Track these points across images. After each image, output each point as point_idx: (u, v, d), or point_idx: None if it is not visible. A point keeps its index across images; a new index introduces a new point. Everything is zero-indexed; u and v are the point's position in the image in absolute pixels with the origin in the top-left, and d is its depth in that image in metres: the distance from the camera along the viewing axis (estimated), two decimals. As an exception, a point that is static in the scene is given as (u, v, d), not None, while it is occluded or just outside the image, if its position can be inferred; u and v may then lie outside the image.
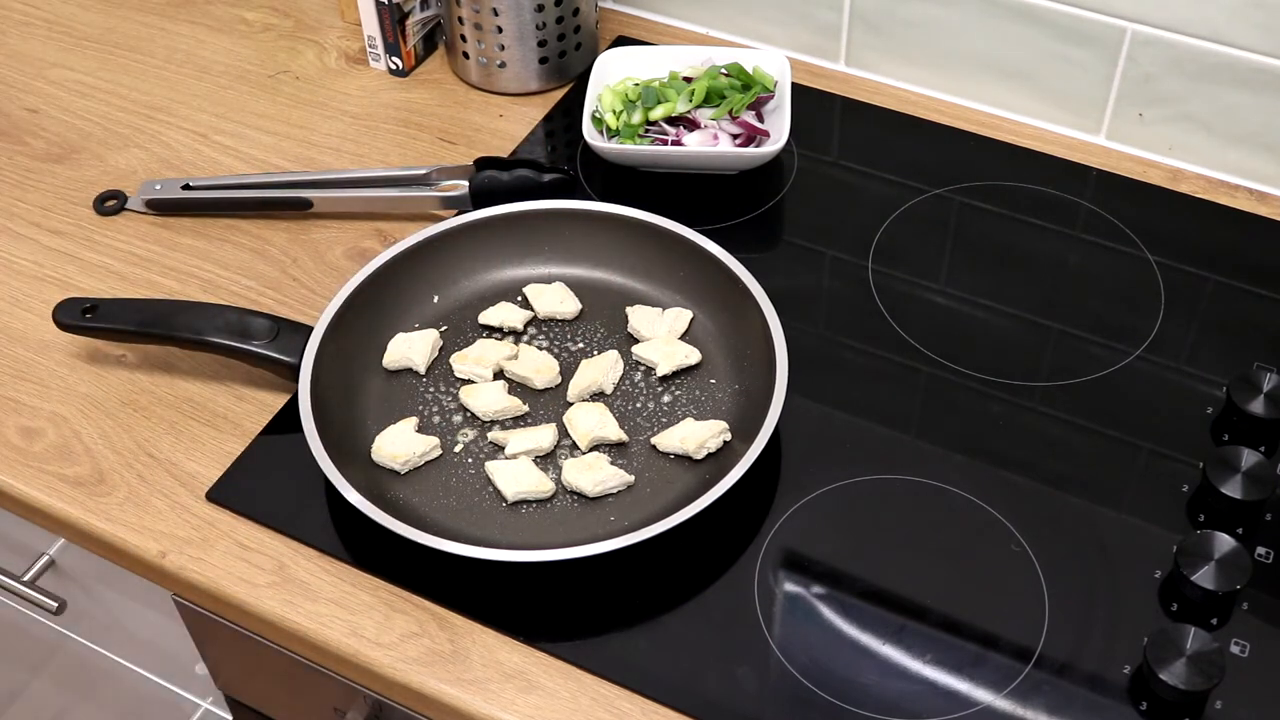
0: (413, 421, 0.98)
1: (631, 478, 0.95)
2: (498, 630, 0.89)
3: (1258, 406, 0.96)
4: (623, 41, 1.32)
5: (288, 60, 1.33)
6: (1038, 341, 1.05)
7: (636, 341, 1.04)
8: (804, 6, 1.27)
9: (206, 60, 1.34)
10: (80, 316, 1.02)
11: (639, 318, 1.04)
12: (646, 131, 1.17)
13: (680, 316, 1.04)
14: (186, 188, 1.17)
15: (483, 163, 1.15)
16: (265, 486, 0.97)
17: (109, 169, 1.23)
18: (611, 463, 0.95)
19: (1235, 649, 0.86)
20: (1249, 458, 0.92)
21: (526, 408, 1.00)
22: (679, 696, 0.85)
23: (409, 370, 1.03)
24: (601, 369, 1.01)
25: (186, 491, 0.97)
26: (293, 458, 0.96)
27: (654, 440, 0.97)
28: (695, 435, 0.96)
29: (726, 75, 1.20)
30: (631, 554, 0.87)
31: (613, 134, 1.18)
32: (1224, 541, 0.87)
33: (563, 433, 0.98)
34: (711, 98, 1.19)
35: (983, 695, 0.84)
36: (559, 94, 1.28)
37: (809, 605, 0.89)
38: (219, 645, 1.06)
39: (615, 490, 0.94)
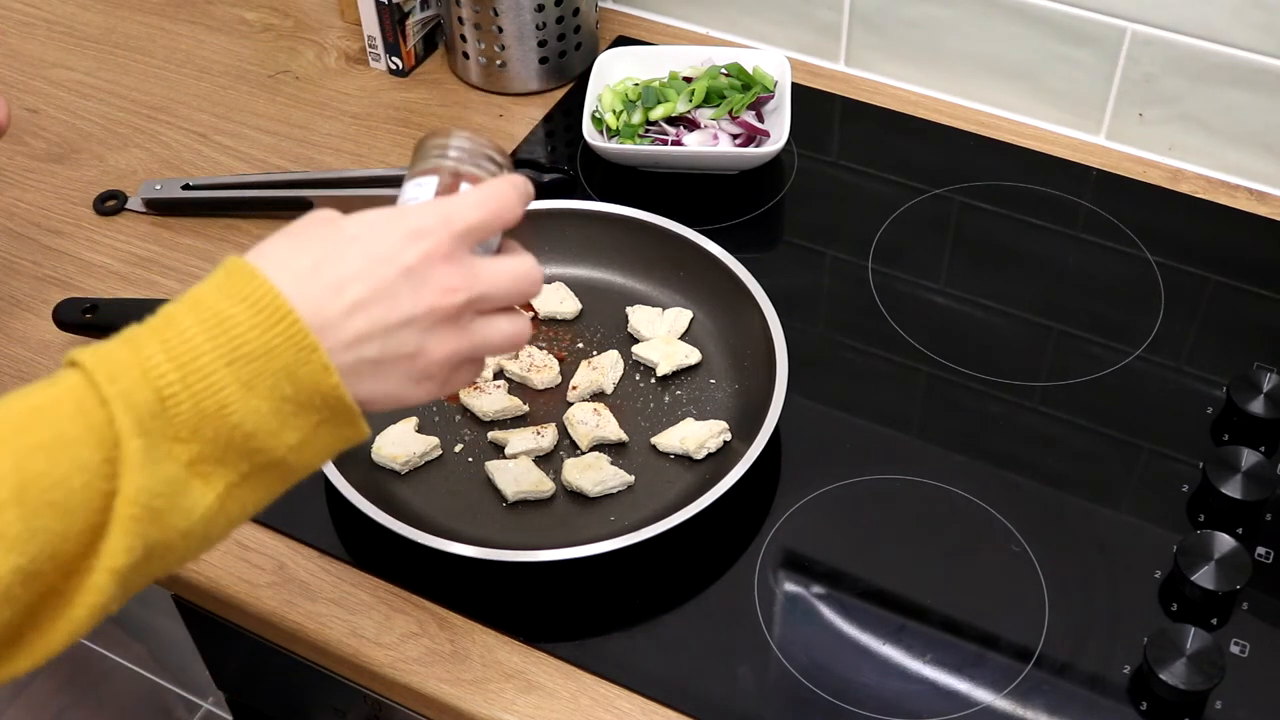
0: (413, 421, 0.98)
1: (631, 478, 0.95)
2: (498, 630, 0.89)
3: (1258, 406, 0.95)
4: (623, 41, 1.32)
5: (288, 60, 1.33)
6: (1038, 341, 1.05)
7: (636, 341, 1.04)
8: (804, 6, 1.26)
9: (206, 60, 1.34)
10: (80, 316, 1.02)
11: (639, 318, 1.04)
12: (646, 131, 1.17)
13: (680, 316, 1.04)
14: (186, 188, 1.17)
15: (483, 163, 1.15)
16: (265, 486, 0.96)
17: (109, 169, 1.22)
18: (611, 463, 0.95)
19: (1235, 649, 0.86)
20: (1249, 458, 0.92)
21: (526, 408, 0.99)
22: (679, 696, 0.85)
23: (409, 370, 1.02)
24: (601, 369, 1.01)
25: (186, 491, 0.97)
26: (293, 458, 0.95)
27: (654, 440, 0.97)
28: (695, 435, 0.96)
29: (726, 75, 1.19)
30: (631, 554, 0.87)
31: (613, 134, 1.18)
32: (1224, 541, 0.87)
33: (563, 433, 0.98)
34: (711, 98, 1.19)
35: (983, 695, 0.84)
36: (559, 94, 1.28)
37: (809, 605, 0.89)
38: (219, 645, 1.06)
39: (615, 490, 0.94)
